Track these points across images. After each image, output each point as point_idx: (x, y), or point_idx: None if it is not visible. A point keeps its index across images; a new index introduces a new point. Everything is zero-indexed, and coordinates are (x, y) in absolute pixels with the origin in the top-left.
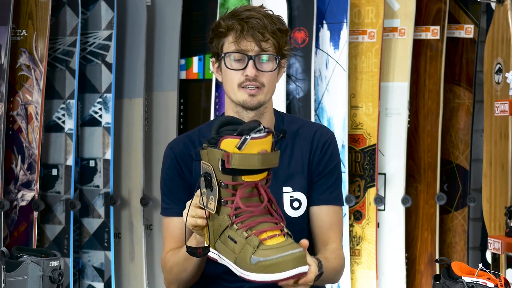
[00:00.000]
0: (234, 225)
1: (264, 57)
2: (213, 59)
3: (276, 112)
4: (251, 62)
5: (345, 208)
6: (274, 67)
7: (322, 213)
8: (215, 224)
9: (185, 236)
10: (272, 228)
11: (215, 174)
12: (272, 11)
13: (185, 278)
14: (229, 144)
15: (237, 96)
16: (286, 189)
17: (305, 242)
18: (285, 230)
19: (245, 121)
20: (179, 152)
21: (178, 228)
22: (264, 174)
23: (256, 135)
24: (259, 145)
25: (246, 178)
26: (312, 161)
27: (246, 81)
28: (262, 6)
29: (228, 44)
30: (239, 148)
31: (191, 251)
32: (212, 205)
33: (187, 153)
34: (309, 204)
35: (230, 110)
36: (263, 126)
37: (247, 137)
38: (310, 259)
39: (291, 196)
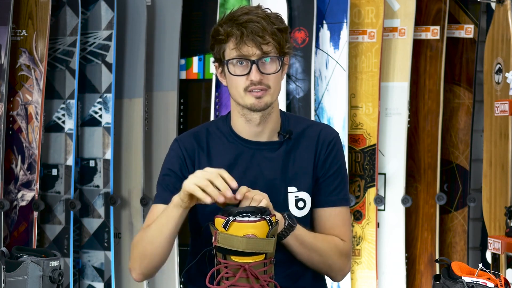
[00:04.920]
0: None
1: (267, 59)
2: (216, 64)
3: (282, 112)
4: (254, 66)
5: None
6: (278, 68)
7: (325, 215)
8: None
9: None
10: None
11: (213, 247)
12: (270, 9)
13: (150, 252)
14: (218, 223)
15: (244, 101)
16: (291, 189)
17: None
18: None
19: (252, 122)
20: (186, 145)
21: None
22: (256, 258)
23: (242, 219)
24: (245, 228)
25: (234, 259)
26: (318, 162)
27: (252, 85)
28: (259, 7)
29: (230, 51)
30: (224, 227)
31: None
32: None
33: (193, 148)
34: (313, 206)
35: (236, 112)
36: (261, 212)
37: (231, 218)
38: (278, 215)
39: (296, 196)
